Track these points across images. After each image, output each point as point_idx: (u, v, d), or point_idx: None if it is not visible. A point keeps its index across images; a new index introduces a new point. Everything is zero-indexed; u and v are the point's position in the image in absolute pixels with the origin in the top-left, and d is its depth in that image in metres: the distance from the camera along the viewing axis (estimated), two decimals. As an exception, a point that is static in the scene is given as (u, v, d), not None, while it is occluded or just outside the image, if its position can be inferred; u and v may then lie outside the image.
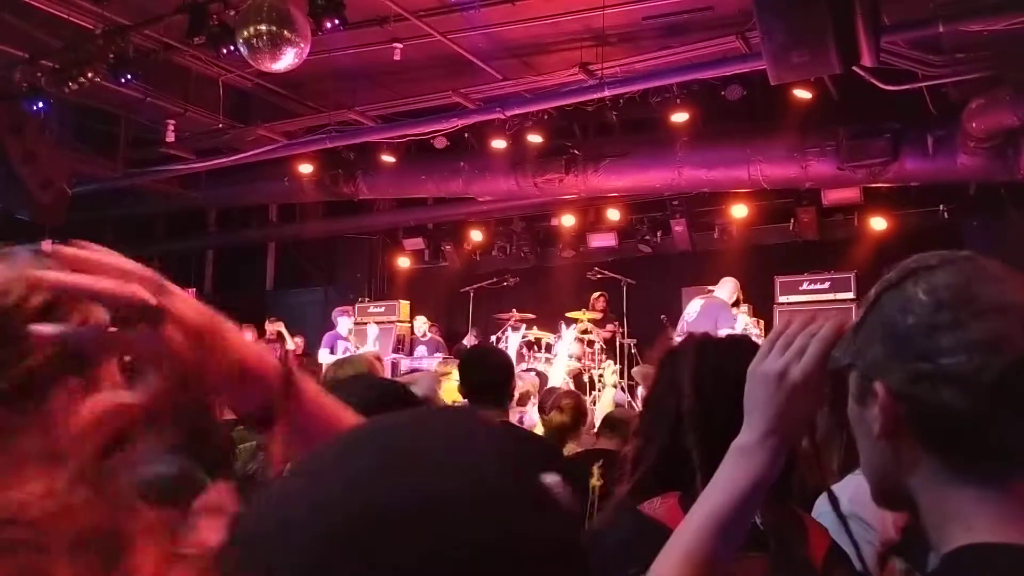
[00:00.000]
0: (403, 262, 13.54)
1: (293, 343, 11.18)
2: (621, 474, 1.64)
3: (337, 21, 6.43)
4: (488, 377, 3.11)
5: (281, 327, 11.26)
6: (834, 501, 1.12)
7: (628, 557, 1.33)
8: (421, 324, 11.27)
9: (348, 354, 9.54)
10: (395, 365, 10.67)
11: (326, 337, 10.39)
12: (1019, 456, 0.81)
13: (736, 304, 8.11)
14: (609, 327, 10.31)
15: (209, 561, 0.73)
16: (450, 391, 6.25)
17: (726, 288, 8.11)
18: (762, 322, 9.22)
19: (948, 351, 0.81)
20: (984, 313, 0.81)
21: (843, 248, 10.44)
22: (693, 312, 7.97)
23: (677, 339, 6.26)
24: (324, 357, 9.77)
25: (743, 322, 7.80)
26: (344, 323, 10.29)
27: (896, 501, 0.91)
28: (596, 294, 10.43)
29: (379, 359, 4.39)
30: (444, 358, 9.99)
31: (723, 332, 7.58)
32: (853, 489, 1.78)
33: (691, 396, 1.50)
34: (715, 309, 7.81)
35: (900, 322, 0.85)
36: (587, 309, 10.13)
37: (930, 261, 0.88)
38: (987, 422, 0.80)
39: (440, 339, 11.29)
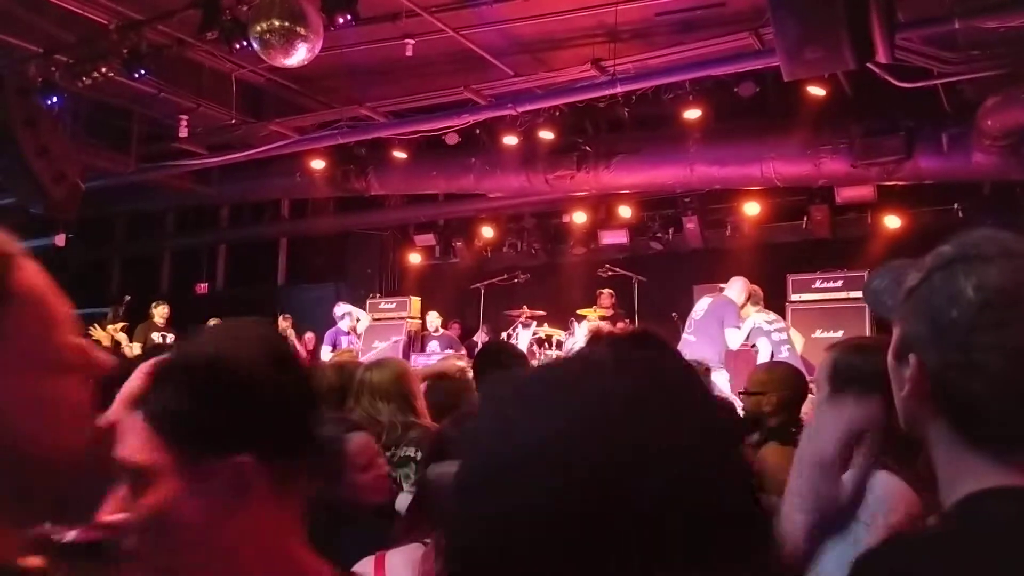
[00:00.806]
0: (414, 258, 13.55)
1: (295, 341, 11.18)
2: None
3: (349, 16, 6.43)
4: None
5: (287, 326, 11.26)
6: None
7: None
8: (434, 319, 11.24)
9: (351, 349, 9.58)
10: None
11: (328, 334, 10.40)
12: None
13: (756, 303, 8.05)
14: (620, 325, 10.29)
15: None
16: None
17: (735, 287, 8.05)
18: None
19: (985, 349, 0.87)
20: None
21: (856, 246, 10.37)
22: (701, 310, 7.93)
23: (688, 337, 6.15)
24: (326, 354, 9.78)
25: (755, 321, 7.72)
26: (347, 321, 10.30)
27: (918, 434, 0.99)
28: (602, 290, 10.37)
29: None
30: (456, 354, 9.97)
31: (728, 330, 7.52)
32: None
33: None
34: (721, 307, 7.75)
35: (945, 312, 0.90)
36: (596, 306, 10.11)
37: (988, 250, 0.91)
38: (1010, 415, 0.87)
39: (454, 336, 11.27)
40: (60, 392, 0.78)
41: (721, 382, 6.99)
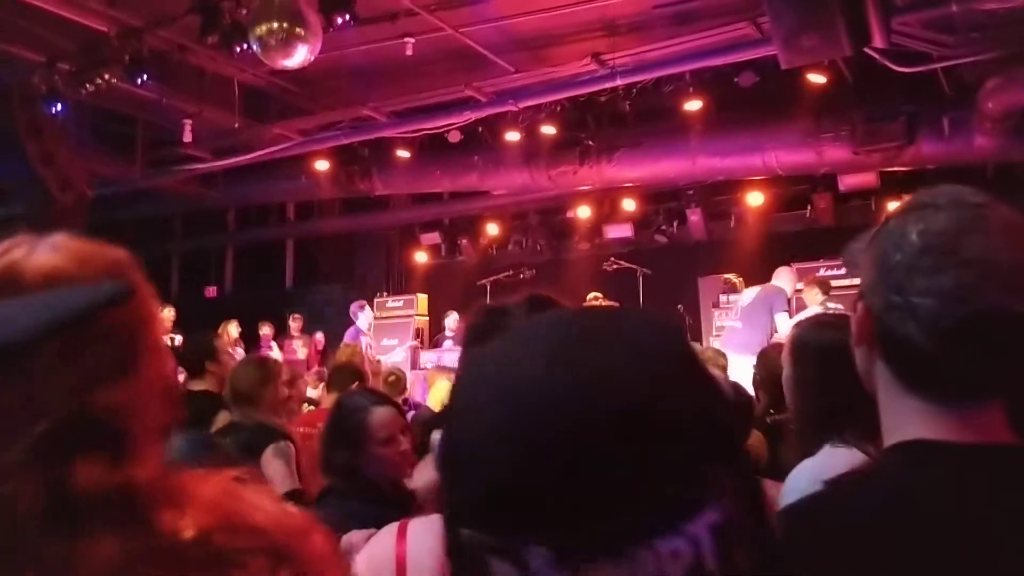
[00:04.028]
0: (420, 257, 13.61)
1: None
2: None
3: (348, 17, 6.47)
4: None
5: (231, 327, 10.64)
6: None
7: None
8: (452, 321, 11.19)
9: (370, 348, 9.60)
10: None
11: (348, 334, 10.36)
12: (961, 387, 0.91)
13: (825, 291, 8.00)
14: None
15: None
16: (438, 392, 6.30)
17: (784, 276, 8.00)
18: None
19: (920, 292, 0.90)
20: (961, 264, 0.89)
21: (861, 233, 10.27)
22: (748, 298, 7.84)
23: (734, 324, 6.08)
24: None
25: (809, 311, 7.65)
26: (364, 317, 10.30)
27: (870, 388, 1.02)
28: (591, 295, 10.06)
29: None
30: None
31: (779, 315, 7.43)
32: (817, 468, 1.74)
33: None
34: (772, 295, 7.67)
35: (890, 256, 0.94)
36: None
37: (939, 199, 0.95)
38: (939, 358, 0.90)
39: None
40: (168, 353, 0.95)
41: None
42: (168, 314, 9.99)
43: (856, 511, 0.89)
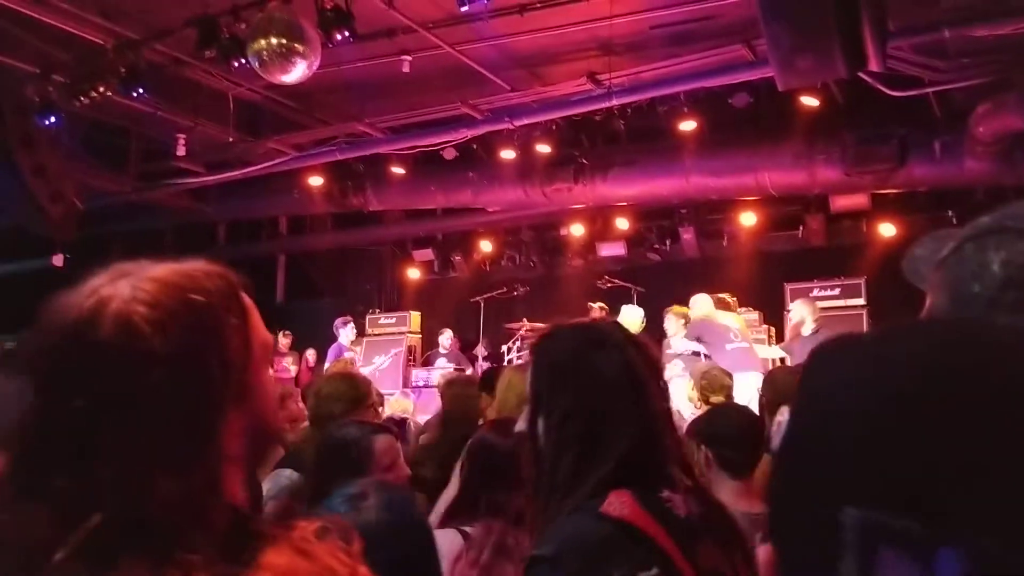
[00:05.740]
0: (413, 273, 13.59)
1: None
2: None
3: (347, 33, 6.47)
4: None
5: None
6: None
7: (611, 560, 1.30)
8: (445, 339, 11.11)
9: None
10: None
11: (331, 350, 10.31)
12: None
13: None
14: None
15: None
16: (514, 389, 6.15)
17: (706, 303, 7.90)
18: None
19: None
20: None
21: (852, 254, 10.40)
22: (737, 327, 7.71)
23: (741, 344, 5.77)
24: None
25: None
26: (346, 333, 10.25)
27: None
28: (592, 304, 10.09)
29: None
30: (455, 368, 9.92)
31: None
32: None
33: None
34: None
35: (968, 285, 0.86)
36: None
37: (1022, 223, 0.87)
38: None
39: (458, 351, 11.21)
40: (268, 379, 0.97)
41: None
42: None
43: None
